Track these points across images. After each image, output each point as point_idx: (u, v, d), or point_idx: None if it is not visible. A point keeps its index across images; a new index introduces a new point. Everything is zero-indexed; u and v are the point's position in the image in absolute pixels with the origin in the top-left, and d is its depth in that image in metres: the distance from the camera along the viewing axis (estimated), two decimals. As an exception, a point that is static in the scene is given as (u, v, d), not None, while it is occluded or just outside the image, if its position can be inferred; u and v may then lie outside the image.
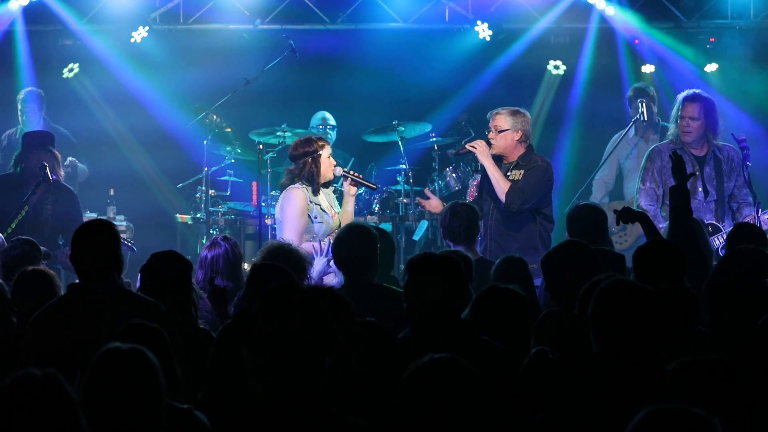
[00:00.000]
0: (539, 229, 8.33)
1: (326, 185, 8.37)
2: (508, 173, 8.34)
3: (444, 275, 4.40)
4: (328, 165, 8.28)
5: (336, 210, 8.35)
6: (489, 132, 8.45)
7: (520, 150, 8.36)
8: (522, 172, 8.29)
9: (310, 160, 8.25)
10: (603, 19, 11.29)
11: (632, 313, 3.74)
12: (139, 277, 5.61)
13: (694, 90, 9.01)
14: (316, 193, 8.25)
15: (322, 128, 11.05)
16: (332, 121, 11.28)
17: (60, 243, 8.92)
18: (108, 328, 4.44)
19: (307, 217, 8.14)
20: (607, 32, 11.46)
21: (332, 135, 11.14)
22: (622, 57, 11.60)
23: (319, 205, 8.23)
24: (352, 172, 8.55)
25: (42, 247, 7.24)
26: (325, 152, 8.27)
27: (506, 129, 8.32)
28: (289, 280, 5.46)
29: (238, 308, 5.63)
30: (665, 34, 11.40)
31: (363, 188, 8.99)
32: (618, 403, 3.65)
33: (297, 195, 8.21)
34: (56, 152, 9.17)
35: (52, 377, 3.16)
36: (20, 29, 11.10)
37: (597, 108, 11.67)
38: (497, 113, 8.36)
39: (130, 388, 3.52)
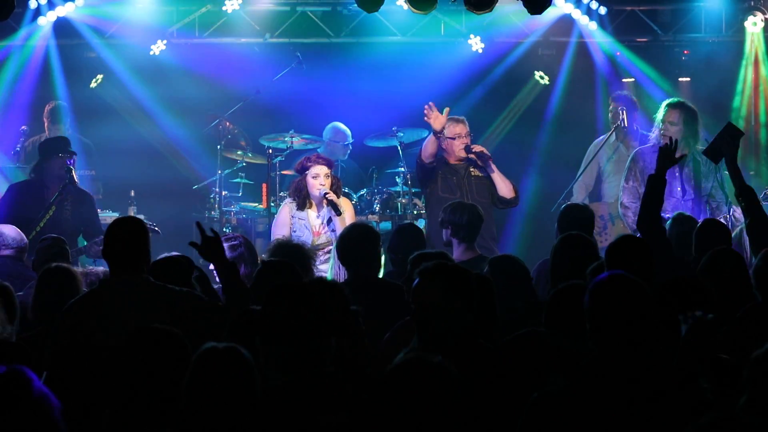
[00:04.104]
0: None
1: (309, 202, 8.53)
2: (471, 169, 8.91)
3: (450, 282, 4.28)
4: (313, 185, 8.53)
5: (325, 230, 8.52)
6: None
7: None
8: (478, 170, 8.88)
9: (301, 177, 8.62)
10: (584, 33, 11.35)
11: (625, 306, 3.73)
12: None
13: (679, 98, 9.19)
14: (300, 208, 8.57)
15: (335, 143, 10.98)
16: (347, 137, 11.08)
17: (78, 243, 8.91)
18: (141, 320, 4.51)
19: (288, 230, 8.53)
20: (589, 45, 11.54)
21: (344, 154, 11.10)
22: (601, 69, 11.66)
23: (304, 220, 8.52)
24: (329, 194, 8.52)
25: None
26: (313, 171, 8.47)
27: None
28: (295, 275, 5.58)
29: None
30: (639, 51, 11.53)
31: (363, 191, 9.38)
32: (608, 389, 3.71)
33: (282, 209, 8.70)
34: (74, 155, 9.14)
35: (17, 372, 3.21)
36: (51, 43, 11.09)
37: (575, 115, 11.80)
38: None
39: (229, 385, 3.60)
